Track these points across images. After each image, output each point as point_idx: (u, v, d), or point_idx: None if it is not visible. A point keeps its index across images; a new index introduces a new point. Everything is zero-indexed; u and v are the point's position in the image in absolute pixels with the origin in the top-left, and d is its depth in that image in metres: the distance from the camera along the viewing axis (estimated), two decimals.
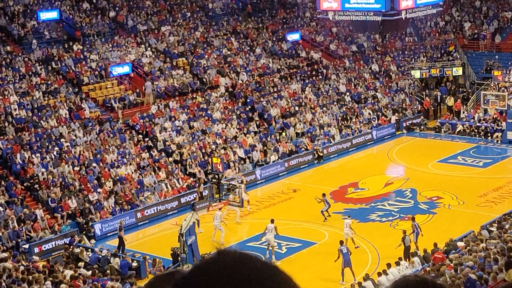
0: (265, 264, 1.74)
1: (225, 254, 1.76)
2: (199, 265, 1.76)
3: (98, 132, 38.91)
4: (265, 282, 1.69)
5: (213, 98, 44.88)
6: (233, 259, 1.74)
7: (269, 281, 1.70)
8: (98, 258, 28.53)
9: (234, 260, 1.73)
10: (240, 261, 1.73)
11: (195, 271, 1.75)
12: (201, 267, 1.75)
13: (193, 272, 1.75)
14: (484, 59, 54.04)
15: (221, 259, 1.74)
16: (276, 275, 1.73)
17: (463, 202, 34.09)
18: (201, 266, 1.75)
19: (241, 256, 1.76)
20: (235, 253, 1.76)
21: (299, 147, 42.64)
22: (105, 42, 46.85)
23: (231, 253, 1.76)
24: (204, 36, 50.93)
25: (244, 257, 1.75)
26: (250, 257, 1.76)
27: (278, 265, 1.76)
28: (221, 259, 1.74)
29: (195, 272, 1.75)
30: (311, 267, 27.91)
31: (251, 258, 1.75)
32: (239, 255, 1.75)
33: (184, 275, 1.77)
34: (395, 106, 49.39)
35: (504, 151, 42.91)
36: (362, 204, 34.66)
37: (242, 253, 1.77)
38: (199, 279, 1.72)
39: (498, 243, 24.16)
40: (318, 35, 55.98)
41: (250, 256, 1.76)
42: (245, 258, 1.75)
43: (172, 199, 35.81)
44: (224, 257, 1.75)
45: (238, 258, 1.74)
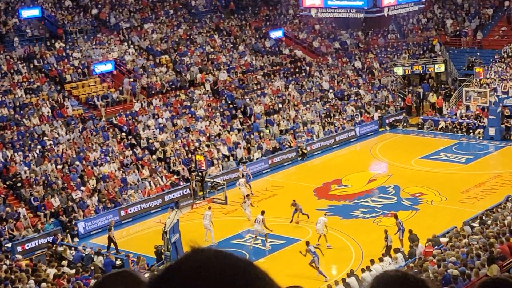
0: (240, 260, 1.74)
1: (199, 251, 1.75)
2: (173, 264, 1.76)
3: (81, 130, 38.76)
4: (241, 278, 1.68)
5: (197, 96, 44.83)
6: (208, 256, 1.73)
7: (244, 277, 1.70)
8: (82, 256, 28.43)
9: (208, 258, 1.73)
10: (214, 258, 1.72)
11: (169, 270, 1.74)
12: (176, 265, 1.74)
13: (168, 271, 1.74)
14: (466, 56, 54.30)
15: (195, 257, 1.74)
16: (252, 270, 1.72)
17: (446, 198, 34.25)
18: (175, 264, 1.75)
19: (216, 253, 1.75)
20: (209, 251, 1.75)
21: (282, 144, 42.68)
22: (88, 40, 46.67)
23: (205, 251, 1.75)
24: (187, 34, 50.84)
25: (219, 254, 1.74)
26: (224, 254, 1.75)
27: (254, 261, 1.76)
28: (195, 257, 1.74)
29: (169, 271, 1.74)
30: (295, 264, 27.94)
31: (225, 255, 1.74)
32: (213, 252, 1.75)
33: (159, 274, 1.76)
34: (378, 103, 49.53)
35: (486, 147, 43.16)
36: (345, 201, 34.74)
37: (216, 250, 1.76)
38: (174, 278, 1.71)
39: (480, 238, 24.31)
40: (301, 32, 56.03)
41: (224, 253, 1.76)
42: (220, 255, 1.74)
43: (155, 197, 35.74)
44: (198, 254, 1.74)
45: (212, 255, 1.74)
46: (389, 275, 2.13)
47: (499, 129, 43.69)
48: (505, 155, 41.84)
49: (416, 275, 2.16)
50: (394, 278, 2.11)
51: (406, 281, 2.10)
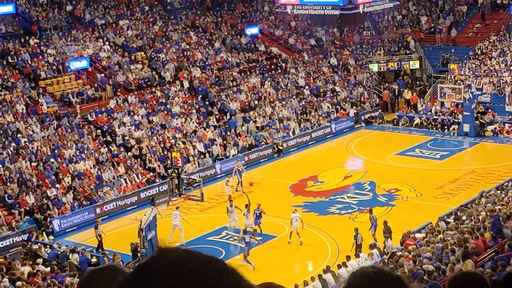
0: (209, 258, 1.74)
1: (168, 251, 1.75)
2: (143, 264, 1.76)
3: (56, 127, 38.51)
4: (210, 276, 1.69)
5: (172, 93, 44.71)
6: (177, 255, 1.73)
7: (214, 275, 1.70)
8: (57, 254, 28.26)
9: (177, 257, 1.73)
10: (183, 257, 1.73)
11: (138, 270, 1.74)
12: (145, 265, 1.74)
13: (137, 271, 1.75)
14: (440, 52, 54.68)
15: (164, 257, 1.74)
16: (221, 268, 1.73)
17: (421, 194, 34.46)
18: (144, 264, 1.75)
19: (185, 252, 1.75)
20: (178, 250, 1.75)
21: (258, 141, 42.70)
22: (62, 36, 46.35)
23: (173, 250, 1.75)
24: (163, 30, 50.69)
25: (188, 253, 1.75)
26: (193, 253, 1.75)
27: (222, 259, 1.77)
28: (164, 257, 1.74)
29: (139, 271, 1.75)
30: (271, 260, 28.01)
31: (194, 254, 1.75)
32: (182, 252, 1.75)
33: (128, 274, 1.77)
34: (353, 100, 49.71)
35: (461, 143, 43.47)
36: (321, 197, 34.84)
37: (185, 250, 1.76)
38: (144, 278, 1.72)
39: (455, 234, 24.48)
40: (277, 29, 56.06)
41: (193, 251, 1.76)
42: (189, 254, 1.74)
43: (131, 194, 35.62)
44: (167, 254, 1.74)
45: (181, 254, 1.74)
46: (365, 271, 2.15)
47: (474, 125, 44.03)
48: (479, 151, 42.20)
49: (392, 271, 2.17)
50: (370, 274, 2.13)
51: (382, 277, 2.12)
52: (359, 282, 2.13)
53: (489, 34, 53.94)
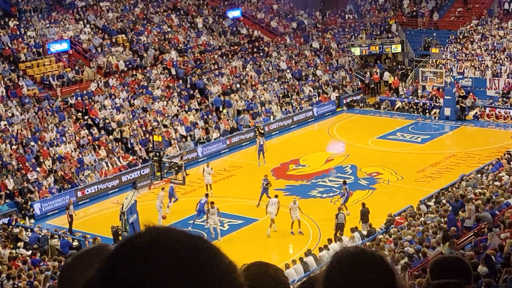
0: (192, 236, 1.76)
1: (152, 228, 1.77)
2: (126, 240, 1.77)
3: (37, 111, 38.26)
4: (192, 252, 1.71)
5: (154, 76, 44.53)
6: (159, 232, 1.75)
7: (196, 251, 1.72)
8: (38, 237, 28.18)
9: (160, 233, 1.75)
10: (166, 234, 1.75)
11: (122, 246, 1.75)
12: (128, 242, 1.76)
13: (121, 247, 1.76)
14: (422, 36, 54.78)
15: (148, 234, 1.75)
16: (203, 245, 1.75)
17: (402, 177, 34.60)
18: (128, 241, 1.76)
19: (168, 229, 1.78)
20: (161, 227, 1.78)
21: (240, 124, 42.65)
22: (42, 18, 45.98)
23: (157, 228, 1.78)
24: (144, 13, 50.40)
25: (171, 230, 1.77)
26: (176, 230, 1.78)
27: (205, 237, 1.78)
28: (148, 234, 1.75)
29: (122, 247, 1.76)
30: (253, 243, 28.07)
31: (177, 231, 1.77)
32: (165, 229, 1.77)
33: (112, 251, 1.77)
34: (335, 83, 49.74)
35: (442, 127, 43.67)
36: (303, 181, 34.91)
37: (168, 227, 1.79)
38: (127, 253, 1.73)
39: (435, 217, 24.65)
40: (259, 12, 55.91)
41: (176, 229, 1.78)
42: (172, 231, 1.77)
43: (113, 177, 35.52)
44: (150, 231, 1.76)
45: (164, 231, 1.76)
46: (348, 251, 2.14)
47: (454, 109, 44.21)
48: (460, 135, 42.42)
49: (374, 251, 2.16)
50: (353, 254, 2.12)
51: (365, 257, 2.11)
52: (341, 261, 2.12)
53: (471, 18, 54.07)
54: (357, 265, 2.10)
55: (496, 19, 53.15)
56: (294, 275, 22.92)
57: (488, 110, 44.53)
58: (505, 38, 50.24)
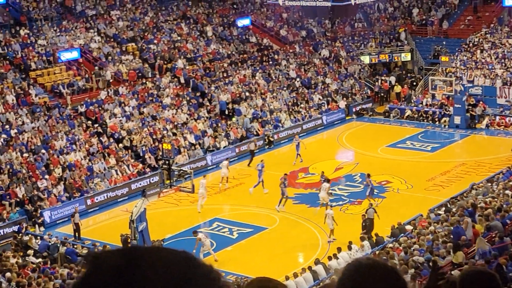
0: (183, 254, 1.77)
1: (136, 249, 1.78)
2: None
3: (47, 118, 38.39)
4: (184, 270, 1.71)
5: (163, 84, 44.61)
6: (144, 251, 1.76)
7: (187, 269, 1.74)
8: (48, 245, 28.24)
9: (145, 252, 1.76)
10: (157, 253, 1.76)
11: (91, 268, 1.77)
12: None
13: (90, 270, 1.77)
14: (432, 44, 54.72)
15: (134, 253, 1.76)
16: (195, 263, 1.76)
17: (412, 186, 34.52)
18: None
19: (160, 248, 1.79)
20: (145, 247, 1.79)
21: (249, 132, 42.67)
22: (53, 27, 46.16)
23: (141, 248, 1.78)
24: (154, 21, 50.54)
25: (164, 249, 1.78)
26: (166, 249, 1.78)
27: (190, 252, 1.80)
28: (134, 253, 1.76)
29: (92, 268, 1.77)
30: (262, 252, 28.04)
31: (167, 250, 1.78)
32: (149, 249, 1.78)
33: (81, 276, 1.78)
34: (344, 92, 49.72)
35: (452, 135, 43.56)
36: (312, 189, 34.83)
37: (151, 247, 1.80)
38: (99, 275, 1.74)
39: (445, 226, 24.57)
40: (268, 21, 56.00)
41: (166, 248, 1.79)
42: (161, 250, 1.77)
43: (122, 185, 35.58)
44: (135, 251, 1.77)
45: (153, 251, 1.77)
46: (361, 263, 2.14)
47: (464, 117, 44.11)
48: (470, 144, 42.31)
49: (386, 263, 2.16)
50: (365, 266, 2.12)
51: (378, 269, 2.11)
52: (353, 273, 2.12)
53: (481, 27, 54.00)
54: (370, 277, 2.09)
55: (506, 28, 53.06)
56: (304, 284, 22.88)
57: (498, 118, 44.41)
58: None
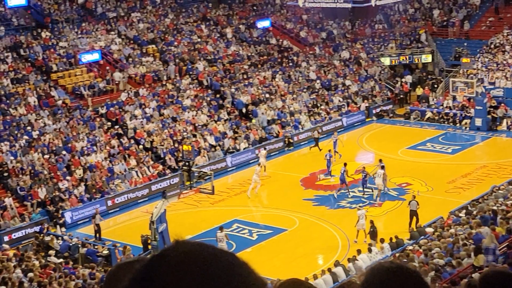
0: (222, 251, 1.80)
1: (183, 242, 1.82)
2: (158, 254, 1.81)
3: (68, 120, 38.63)
4: (223, 267, 1.75)
5: (184, 86, 44.73)
6: (191, 246, 1.80)
7: (227, 266, 1.76)
8: (69, 246, 28.42)
9: (191, 247, 1.79)
10: (197, 248, 1.79)
11: (154, 260, 1.80)
12: (160, 255, 1.80)
13: (153, 261, 1.80)
14: (453, 46, 54.44)
15: (179, 247, 1.80)
16: (234, 260, 1.79)
17: (432, 188, 34.35)
18: (160, 254, 1.80)
19: (199, 244, 1.82)
20: (192, 242, 1.82)
21: (269, 134, 42.68)
22: (74, 29, 46.42)
23: (188, 242, 1.82)
24: (174, 23, 50.69)
25: (202, 245, 1.81)
26: (206, 245, 1.82)
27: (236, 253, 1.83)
28: (179, 247, 1.80)
29: (154, 260, 1.80)
30: (282, 253, 28.05)
31: (207, 246, 1.81)
32: (196, 243, 1.82)
33: (144, 263, 1.81)
34: (364, 93, 49.59)
35: (473, 137, 43.31)
36: (332, 191, 34.78)
37: (199, 242, 1.83)
38: (159, 267, 1.77)
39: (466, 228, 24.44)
40: (288, 22, 55.98)
41: (206, 244, 1.82)
42: (202, 246, 1.81)
43: (142, 186, 35.71)
44: (182, 245, 1.80)
45: (196, 245, 1.81)
46: (384, 267, 2.15)
47: (486, 119, 43.85)
48: (491, 146, 42.06)
49: (410, 267, 2.18)
50: (389, 270, 2.13)
51: (401, 272, 2.12)
52: (377, 277, 2.13)
53: (503, 28, 53.69)
54: (393, 281, 2.10)
55: None
56: (323, 285, 22.85)
57: None
58: None
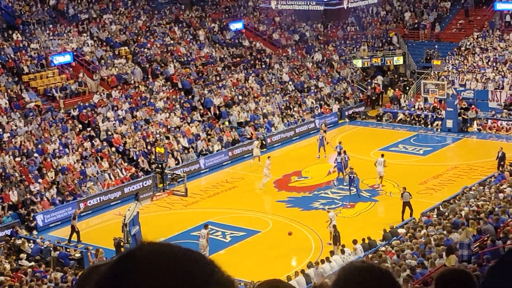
0: (189, 250, 1.81)
1: (149, 243, 1.82)
2: (125, 254, 1.82)
3: (40, 122, 38.34)
4: (191, 266, 1.75)
5: (156, 88, 44.59)
6: (157, 246, 1.81)
7: (194, 265, 1.77)
8: (40, 249, 28.20)
9: (158, 247, 1.80)
10: (164, 247, 1.80)
11: (121, 260, 1.80)
12: (126, 255, 1.80)
13: (119, 261, 1.80)
14: (424, 48, 54.86)
15: (146, 247, 1.80)
16: (201, 259, 1.79)
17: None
18: (126, 255, 1.81)
19: (165, 244, 1.83)
20: (158, 242, 1.83)
21: (242, 136, 42.70)
22: (46, 31, 46.10)
23: (154, 242, 1.83)
24: (147, 25, 50.52)
25: (168, 244, 1.83)
26: (173, 245, 1.83)
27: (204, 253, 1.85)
28: (146, 247, 1.80)
29: (121, 261, 1.80)
30: (255, 255, 28.07)
31: (174, 245, 1.83)
32: (162, 243, 1.83)
33: (111, 264, 1.82)
34: (337, 95, 49.79)
35: (444, 139, 43.65)
36: (305, 193, 34.90)
37: (165, 242, 1.84)
38: (125, 267, 1.77)
39: (438, 229, 24.65)
40: (261, 24, 56.04)
41: (173, 244, 1.84)
42: (169, 245, 1.82)
43: (115, 189, 35.54)
44: (148, 245, 1.81)
45: (162, 245, 1.82)
46: (355, 266, 2.16)
47: (457, 121, 44.22)
48: (462, 147, 42.42)
49: (381, 266, 2.20)
50: (360, 269, 2.15)
51: (372, 272, 2.13)
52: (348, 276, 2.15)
53: (473, 30, 54.18)
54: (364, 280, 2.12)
55: (498, 31, 53.25)
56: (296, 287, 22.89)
57: (490, 122, 44.54)
58: (506, 50, 50.33)
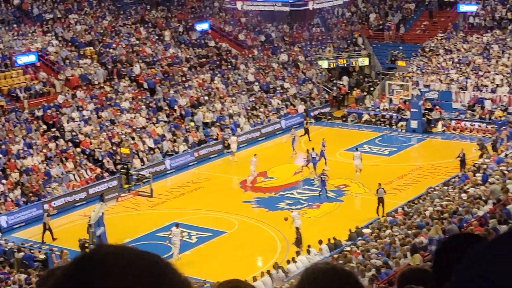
0: (146, 252, 1.82)
1: (106, 245, 1.82)
2: (80, 256, 1.83)
3: (3, 122, 37.95)
4: (148, 266, 1.76)
5: (121, 88, 44.38)
6: (114, 248, 1.80)
7: (151, 265, 1.77)
8: (4, 250, 27.92)
9: (114, 249, 1.80)
10: (121, 249, 1.80)
11: (76, 263, 1.81)
12: (82, 258, 1.82)
13: (75, 263, 1.81)
14: (389, 49, 55.23)
15: (102, 249, 1.80)
16: (158, 260, 1.80)
17: (370, 189, 34.75)
18: (81, 257, 1.82)
19: (122, 246, 1.83)
20: (115, 244, 1.84)
21: (208, 136, 42.66)
22: (9, 31, 45.64)
23: (111, 244, 1.83)
24: (112, 25, 50.26)
25: (125, 246, 1.82)
26: (130, 247, 1.83)
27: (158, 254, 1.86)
28: (102, 249, 1.80)
29: (76, 263, 1.80)
30: (221, 256, 28.07)
31: (131, 247, 1.83)
32: (119, 245, 1.83)
33: (66, 267, 1.82)
34: (303, 96, 49.95)
35: (408, 139, 44.00)
36: (271, 193, 34.97)
37: (122, 244, 1.84)
38: (81, 269, 1.78)
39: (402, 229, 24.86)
40: (227, 25, 56.04)
41: (130, 246, 1.84)
42: (126, 247, 1.82)
43: (80, 190, 35.31)
44: (104, 247, 1.81)
45: (118, 247, 1.81)
46: (319, 267, 2.18)
47: (421, 121, 44.60)
48: (427, 148, 42.79)
49: (345, 268, 2.23)
50: (324, 270, 2.16)
51: (336, 273, 2.16)
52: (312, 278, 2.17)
53: (437, 32, 54.71)
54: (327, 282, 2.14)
55: (461, 33, 53.82)
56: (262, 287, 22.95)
57: (454, 122, 44.97)
58: (470, 51, 50.86)
